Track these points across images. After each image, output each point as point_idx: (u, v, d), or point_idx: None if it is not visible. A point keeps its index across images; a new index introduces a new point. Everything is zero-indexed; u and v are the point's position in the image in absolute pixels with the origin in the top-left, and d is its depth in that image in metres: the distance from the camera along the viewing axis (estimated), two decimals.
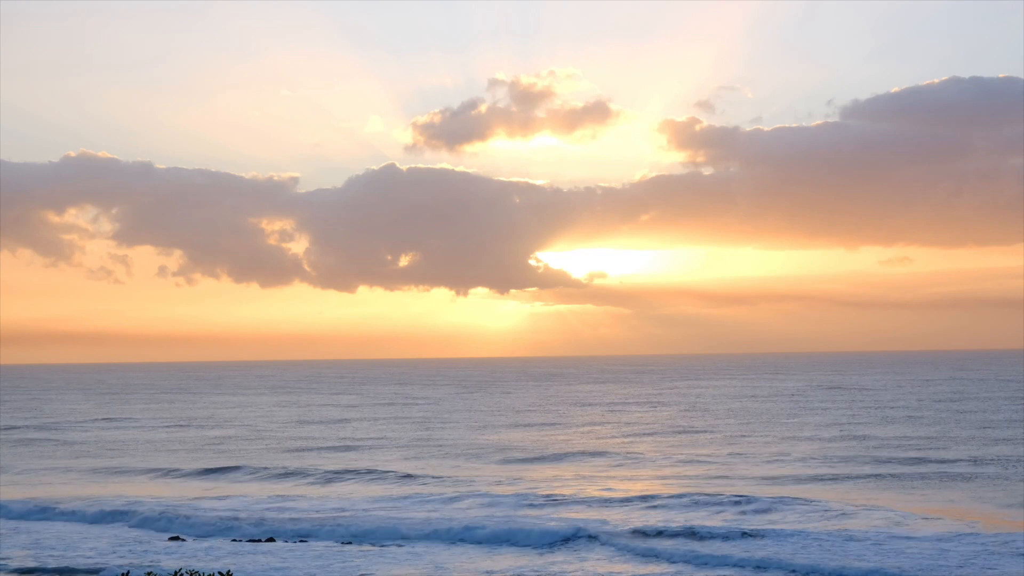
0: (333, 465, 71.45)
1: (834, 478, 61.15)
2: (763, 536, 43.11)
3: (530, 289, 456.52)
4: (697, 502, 51.72)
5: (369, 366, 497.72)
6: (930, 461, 67.87)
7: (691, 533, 44.00)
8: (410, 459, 75.51)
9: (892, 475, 61.94)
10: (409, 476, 64.61)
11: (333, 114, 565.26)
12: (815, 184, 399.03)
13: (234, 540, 45.76)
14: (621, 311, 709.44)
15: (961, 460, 67.90)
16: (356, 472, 67.20)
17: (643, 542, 42.75)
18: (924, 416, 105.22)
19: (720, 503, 51.20)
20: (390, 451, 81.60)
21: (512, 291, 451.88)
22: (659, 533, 44.26)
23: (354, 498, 56.89)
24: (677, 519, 47.41)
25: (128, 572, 26.58)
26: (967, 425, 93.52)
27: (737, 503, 51.03)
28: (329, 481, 64.51)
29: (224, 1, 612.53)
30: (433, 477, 64.13)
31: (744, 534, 43.50)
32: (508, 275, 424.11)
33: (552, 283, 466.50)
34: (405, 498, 56.29)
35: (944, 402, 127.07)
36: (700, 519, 47.35)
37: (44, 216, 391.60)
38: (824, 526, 44.96)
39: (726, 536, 43.38)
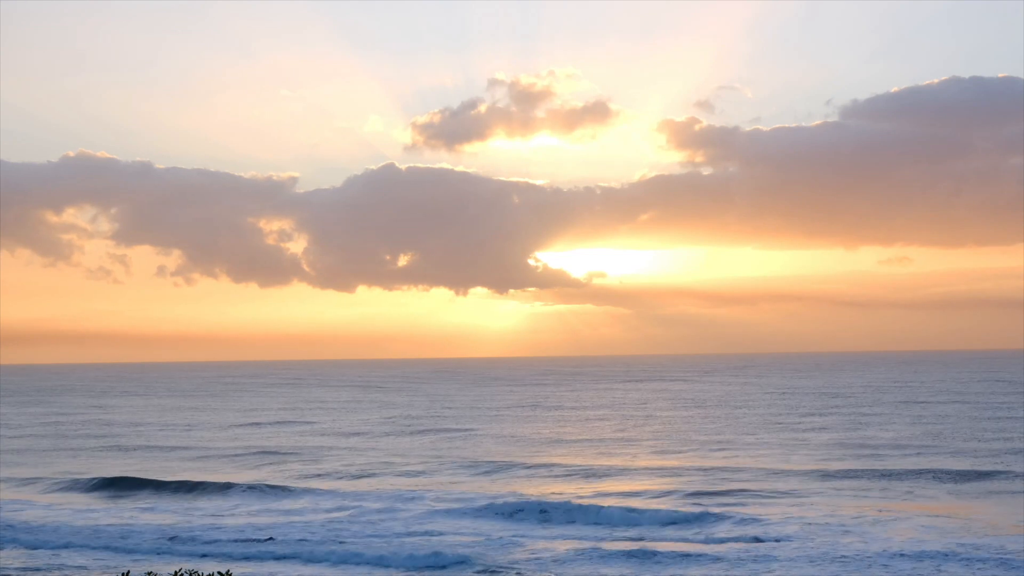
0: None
1: (795, 487, 59.99)
2: (659, 557, 40.62)
3: (530, 289, 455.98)
4: (616, 520, 49.02)
5: (354, 367, 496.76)
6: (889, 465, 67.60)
7: (588, 556, 41.10)
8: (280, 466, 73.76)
9: (863, 478, 61.56)
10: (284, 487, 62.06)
11: (332, 114, 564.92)
12: (814, 184, 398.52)
13: None
14: (621, 311, 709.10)
15: (946, 464, 67.75)
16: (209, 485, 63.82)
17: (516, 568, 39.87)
18: (908, 418, 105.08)
19: (638, 521, 48.78)
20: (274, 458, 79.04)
21: (511, 291, 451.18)
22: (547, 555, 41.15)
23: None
24: (573, 538, 45.11)
25: (128, 572, 26.22)
26: (953, 427, 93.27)
27: (669, 520, 48.73)
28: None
29: (223, 1, 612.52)
30: (271, 490, 61.26)
31: (650, 554, 41.11)
32: (507, 275, 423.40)
33: (551, 283, 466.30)
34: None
35: (931, 404, 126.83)
36: (604, 538, 44.76)
37: (43, 216, 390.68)
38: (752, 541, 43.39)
39: (630, 556, 40.97)
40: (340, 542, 45.06)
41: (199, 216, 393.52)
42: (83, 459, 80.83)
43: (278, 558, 42.89)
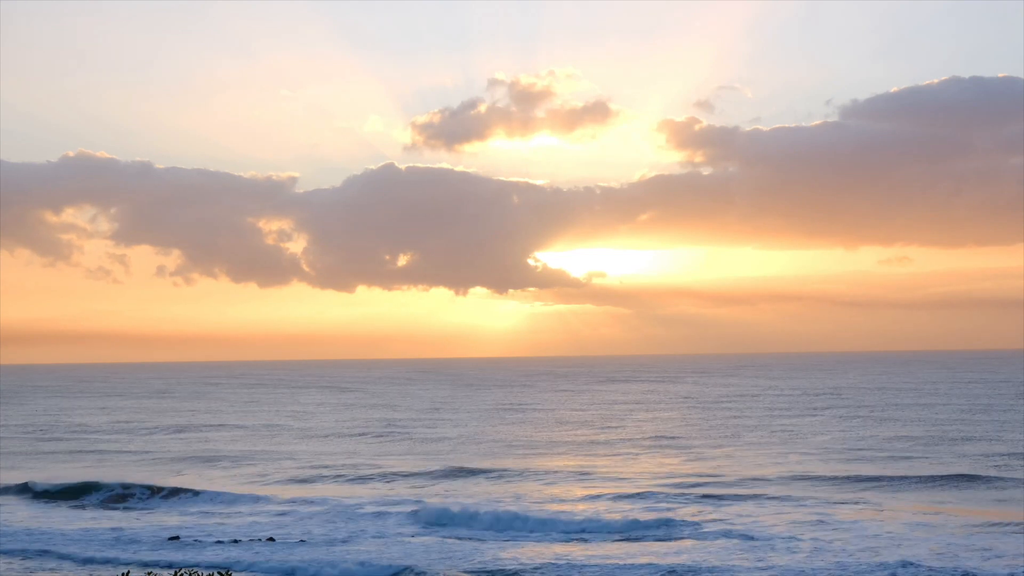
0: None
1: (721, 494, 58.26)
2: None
3: (529, 289, 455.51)
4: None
5: (350, 367, 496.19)
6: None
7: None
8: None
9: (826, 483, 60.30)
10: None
11: (332, 114, 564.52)
12: (814, 184, 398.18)
13: None
14: (621, 311, 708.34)
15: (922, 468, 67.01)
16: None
17: None
18: (897, 418, 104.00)
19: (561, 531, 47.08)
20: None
21: (511, 291, 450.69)
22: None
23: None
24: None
25: (128, 572, 26.10)
26: (948, 430, 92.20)
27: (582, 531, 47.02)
28: None
29: (223, 1, 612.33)
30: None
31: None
32: (507, 275, 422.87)
33: (551, 283, 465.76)
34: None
35: (924, 407, 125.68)
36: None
37: (42, 216, 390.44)
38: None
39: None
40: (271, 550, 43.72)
41: (199, 216, 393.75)
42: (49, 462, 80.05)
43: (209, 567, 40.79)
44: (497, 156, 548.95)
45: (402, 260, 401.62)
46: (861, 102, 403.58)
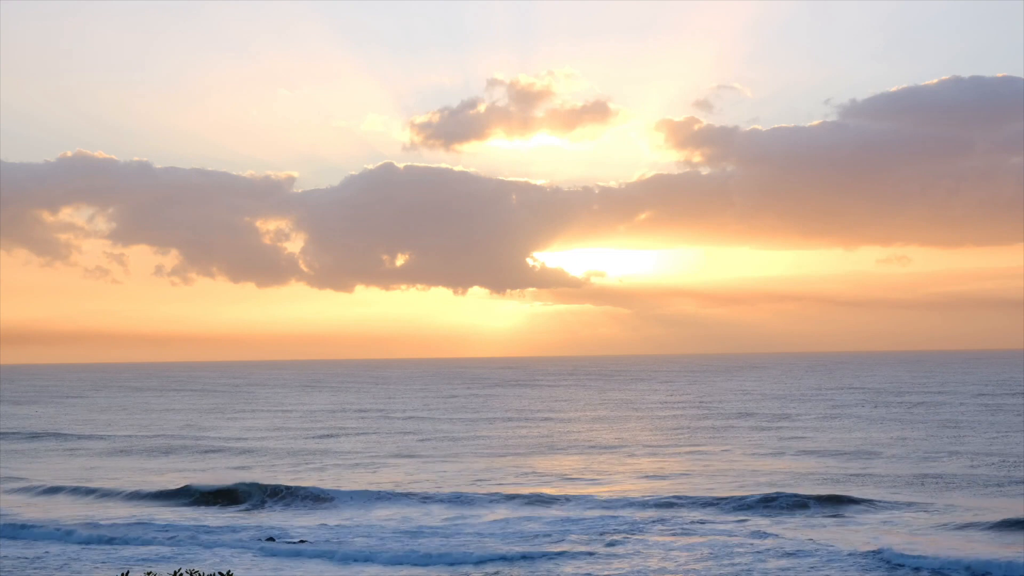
0: None
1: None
2: None
3: (528, 289, 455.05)
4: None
5: (343, 367, 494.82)
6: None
7: None
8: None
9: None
10: None
11: (331, 113, 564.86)
12: (813, 184, 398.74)
13: None
14: (620, 311, 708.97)
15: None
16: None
17: None
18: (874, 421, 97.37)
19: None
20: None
21: (509, 291, 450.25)
22: None
23: None
24: None
25: (128, 572, 25.59)
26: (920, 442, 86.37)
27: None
28: None
29: (221, 0, 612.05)
30: None
31: None
32: (505, 275, 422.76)
33: (550, 283, 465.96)
34: None
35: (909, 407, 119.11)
36: None
37: (40, 216, 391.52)
38: None
39: None
40: None
41: (196, 216, 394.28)
42: None
43: None
44: (496, 156, 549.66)
45: (400, 260, 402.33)
46: (860, 102, 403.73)
